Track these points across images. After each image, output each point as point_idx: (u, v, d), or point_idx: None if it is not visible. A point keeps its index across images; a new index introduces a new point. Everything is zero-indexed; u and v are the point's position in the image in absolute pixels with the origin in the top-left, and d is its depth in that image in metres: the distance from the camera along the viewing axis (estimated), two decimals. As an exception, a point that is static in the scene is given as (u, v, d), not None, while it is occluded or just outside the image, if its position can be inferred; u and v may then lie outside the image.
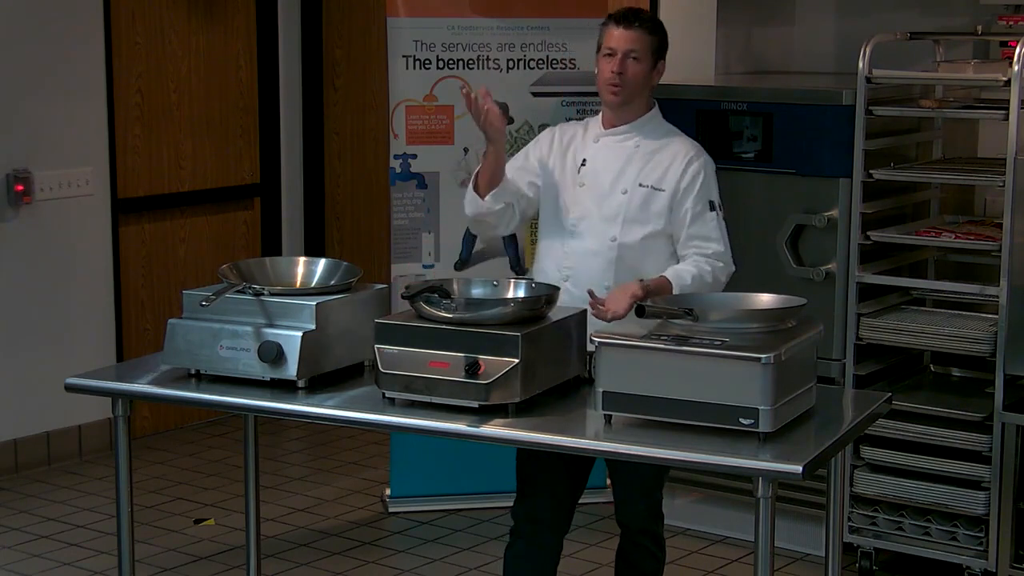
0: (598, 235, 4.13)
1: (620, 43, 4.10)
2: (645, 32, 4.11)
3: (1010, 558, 4.85)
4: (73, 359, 6.13)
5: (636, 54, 4.10)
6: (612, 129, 4.20)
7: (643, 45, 4.11)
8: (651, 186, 4.12)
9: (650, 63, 4.13)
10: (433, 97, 5.69)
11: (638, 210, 4.12)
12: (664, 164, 4.13)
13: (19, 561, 5.37)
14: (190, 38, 6.91)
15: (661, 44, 4.16)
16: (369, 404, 3.69)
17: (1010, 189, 4.70)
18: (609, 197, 4.14)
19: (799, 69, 5.94)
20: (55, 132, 6.33)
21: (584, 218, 4.15)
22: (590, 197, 4.16)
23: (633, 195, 4.12)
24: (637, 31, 4.10)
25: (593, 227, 4.14)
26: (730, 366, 3.36)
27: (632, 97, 4.14)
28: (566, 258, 4.16)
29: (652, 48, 4.13)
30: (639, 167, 4.14)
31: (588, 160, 4.19)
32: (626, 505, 4.19)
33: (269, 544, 5.42)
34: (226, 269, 3.98)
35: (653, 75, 4.17)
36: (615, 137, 4.18)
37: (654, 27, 4.16)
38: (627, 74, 4.10)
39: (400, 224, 5.74)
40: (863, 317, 5.05)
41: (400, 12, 5.66)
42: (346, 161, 7.52)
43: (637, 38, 4.10)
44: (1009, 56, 4.74)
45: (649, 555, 4.21)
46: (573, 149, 4.23)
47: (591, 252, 4.13)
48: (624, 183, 4.14)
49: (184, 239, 6.99)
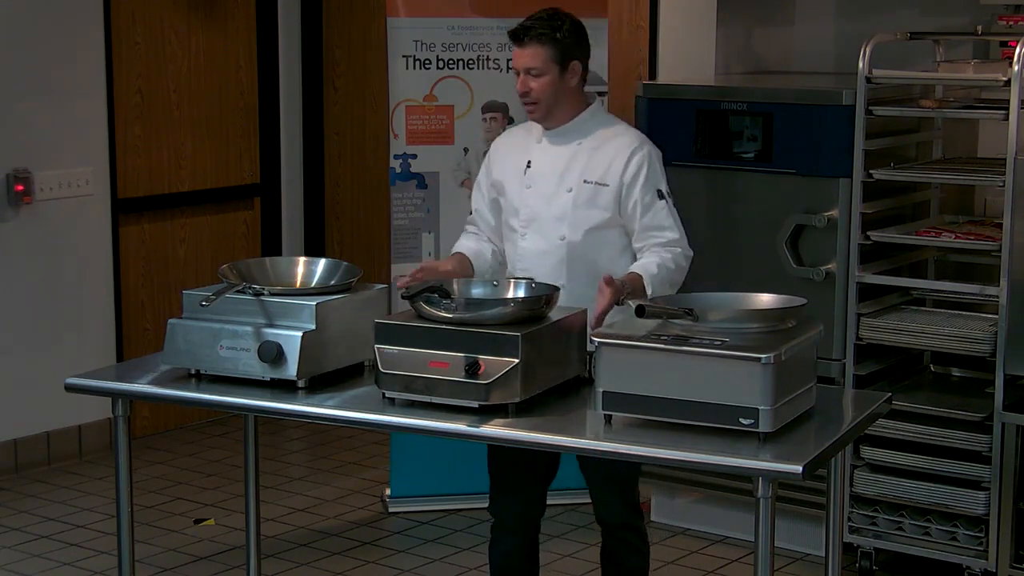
0: (547, 235, 4.14)
1: (517, 62, 4.09)
2: (538, 45, 4.04)
3: (1010, 558, 4.85)
4: (73, 359, 6.13)
5: (535, 70, 4.05)
6: (553, 130, 4.18)
7: (540, 58, 4.04)
8: (596, 182, 4.11)
9: (555, 72, 4.06)
10: (433, 97, 5.70)
11: (585, 207, 4.11)
12: (607, 159, 4.12)
13: (19, 561, 5.37)
14: (190, 38, 6.91)
15: (564, 48, 4.07)
16: (369, 404, 3.69)
17: (1010, 189, 4.70)
18: (555, 196, 4.14)
19: (799, 69, 5.94)
20: (55, 132, 6.33)
21: (533, 219, 4.16)
22: (537, 198, 4.16)
23: (579, 193, 4.12)
24: (529, 47, 4.05)
25: (542, 227, 4.14)
26: (730, 366, 3.36)
27: (551, 108, 4.12)
28: (520, 259, 4.17)
29: (552, 57, 4.05)
30: (583, 164, 4.13)
31: (533, 162, 4.19)
32: (604, 503, 4.19)
33: (269, 544, 5.42)
34: (226, 269, 3.98)
35: (567, 79, 4.09)
36: (556, 137, 4.17)
37: (548, 37, 4.05)
38: (532, 92, 4.07)
39: (400, 224, 5.74)
40: (863, 317, 5.05)
41: (400, 12, 5.66)
42: (346, 161, 7.52)
43: (531, 54, 4.05)
44: (1009, 56, 4.74)
45: (633, 550, 4.21)
46: (519, 152, 4.23)
47: (542, 252, 4.14)
48: (569, 181, 4.13)
49: (184, 239, 6.99)
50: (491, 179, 4.29)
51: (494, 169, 4.28)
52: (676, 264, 4.07)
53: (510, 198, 4.21)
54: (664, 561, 5.33)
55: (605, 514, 4.21)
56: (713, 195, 5.34)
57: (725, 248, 5.31)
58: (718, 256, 5.31)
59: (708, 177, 5.34)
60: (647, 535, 4.25)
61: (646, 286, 3.95)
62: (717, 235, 5.32)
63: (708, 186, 5.34)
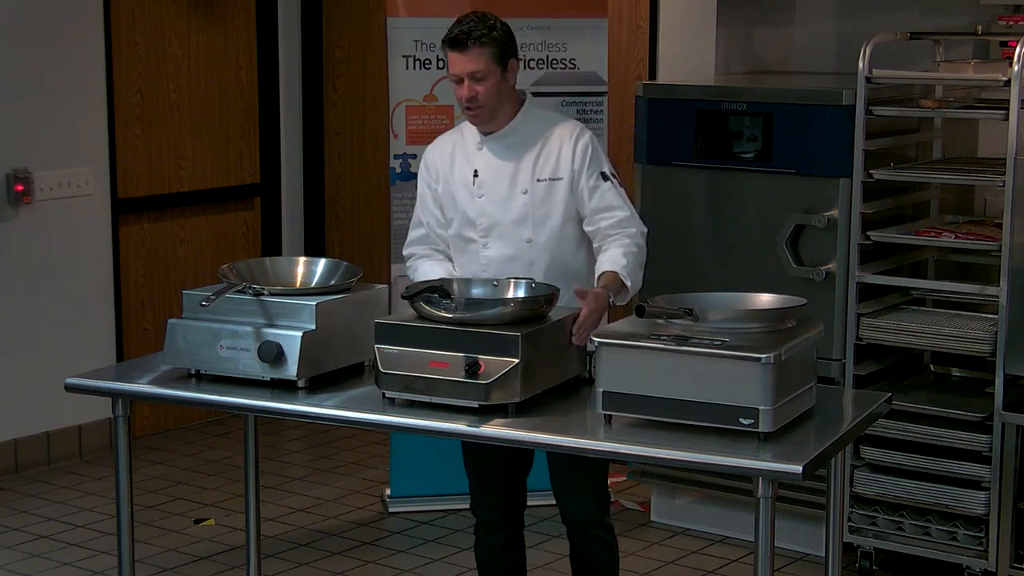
0: (512, 240, 4.12)
1: (460, 68, 4.03)
2: (480, 47, 4.02)
3: (1010, 558, 4.85)
4: (73, 359, 6.13)
5: (479, 74, 4.02)
6: (491, 134, 4.15)
7: (483, 62, 4.02)
8: (548, 178, 4.10)
9: (498, 73, 4.05)
10: (433, 97, 5.69)
11: (542, 205, 4.10)
12: (555, 152, 4.11)
13: (19, 561, 5.37)
14: (190, 38, 6.91)
15: (503, 48, 4.06)
16: (369, 404, 3.70)
17: (1010, 189, 4.70)
18: (511, 201, 4.12)
19: (799, 69, 5.94)
20: (55, 132, 6.33)
21: (493, 227, 4.13)
22: (492, 205, 4.13)
23: (534, 192, 4.10)
24: (471, 52, 4.01)
25: (505, 233, 4.12)
26: (730, 366, 3.36)
27: (495, 111, 4.10)
28: (484, 269, 4.13)
29: (494, 58, 4.04)
30: (531, 163, 4.11)
31: (479, 170, 4.15)
32: (575, 501, 4.17)
33: (269, 544, 5.42)
34: (226, 269, 3.98)
35: (508, 78, 4.09)
36: (497, 142, 4.14)
37: (487, 39, 4.03)
38: (479, 96, 4.04)
39: (400, 224, 5.74)
40: (863, 317, 5.05)
41: (400, 12, 5.66)
42: (346, 161, 7.52)
43: (474, 58, 4.02)
44: (1009, 56, 4.74)
45: (604, 546, 4.20)
46: (460, 162, 4.18)
47: (509, 258, 4.11)
48: (522, 183, 4.11)
49: (184, 239, 6.99)
50: (437, 191, 4.22)
51: (438, 182, 4.22)
52: (638, 247, 4.06)
53: (462, 209, 4.16)
54: (664, 561, 5.33)
55: (576, 512, 4.18)
56: (713, 195, 5.34)
57: (725, 248, 5.31)
58: (718, 256, 5.31)
59: (708, 177, 5.34)
60: (613, 529, 4.24)
61: (624, 280, 3.94)
62: (717, 235, 5.32)
63: (708, 186, 5.34)
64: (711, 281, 5.16)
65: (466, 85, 4.03)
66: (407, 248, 4.32)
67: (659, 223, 5.02)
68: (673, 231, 5.32)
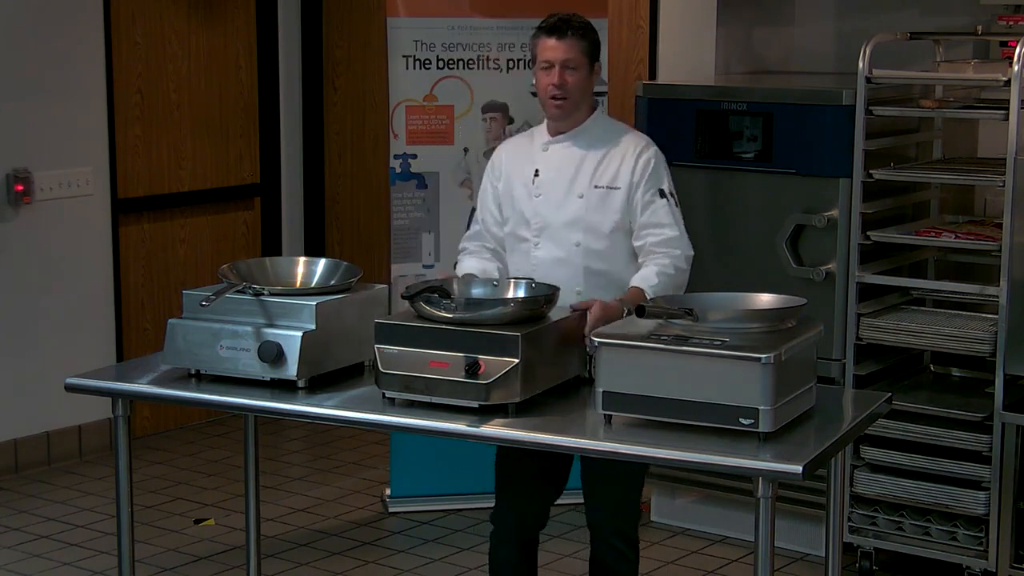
0: (562, 242, 4.12)
1: (555, 54, 4.06)
2: (577, 39, 4.06)
3: (1010, 558, 4.85)
4: (73, 359, 6.12)
5: (572, 63, 4.06)
6: (559, 136, 4.17)
7: (577, 53, 4.06)
8: (606, 186, 4.11)
9: (587, 68, 4.10)
10: (433, 97, 5.70)
11: (596, 212, 4.10)
12: (616, 162, 4.12)
13: (19, 561, 5.37)
14: (190, 38, 6.91)
15: (594, 47, 4.12)
16: (369, 404, 3.70)
17: (1010, 189, 4.70)
18: (566, 203, 4.12)
19: (799, 69, 5.94)
20: (55, 132, 6.33)
21: (546, 227, 4.14)
22: (547, 206, 4.14)
23: (590, 198, 4.11)
24: (570, 40, 4.06)
25: (555, 235, 4.13)
26: (730, 366, 3.36)
27: (576, 106, 4.12)
28: (534, 269, 4.14)
29: (587, 53, 4.09)
30: (592, 169, 4.12)
31: (540, 170, 4.17)
32: (598, 507, 4.15)
33: (269, 544, 5.42)
34: (226, 269, 3.98)
35: (592, 79, 4.14)
36: (563, 144, 4.16)
37: (585, 32, 4.10)
38: (568, 85, 4.07)
39: (400, 224, 5.74)
40: (863, 317, 5.05)
41: (400, 12, 5.66)
42: (346, 161, 7.52)
43: (571, 47, 4.06)
44: (1009, 56, 4.74)
45: (621, 556, 4.16)
46: (524, 161, 4.21)
47: (558, 260, 4.12)
48: (579, 188, 4.12)
49: (184, 239, 6.99)
50: (498, 189, 4.25)
51: (500, 179, 4.25)
52: (676, 268, 4.05)
53: (519, 208, 4.19)
54: (664, 561, 5.33)
55: (597, 518, 4.16)
56: (713, 195, 5.34)
57: (725, 248, 5.31)
58: (718, 256, 5.31)
59: (708, 177, 5.34)
60: (638, 543, 4.22)
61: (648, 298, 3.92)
62: (717, 235, 5.32)
63: (708, 186, 5.34)
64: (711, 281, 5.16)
65: (557, 72, 4.06)
66: (462, 242, 4.36)
67: (659, 223, 5.02)
68: (673, 231, 5.31)
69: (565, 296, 3.90)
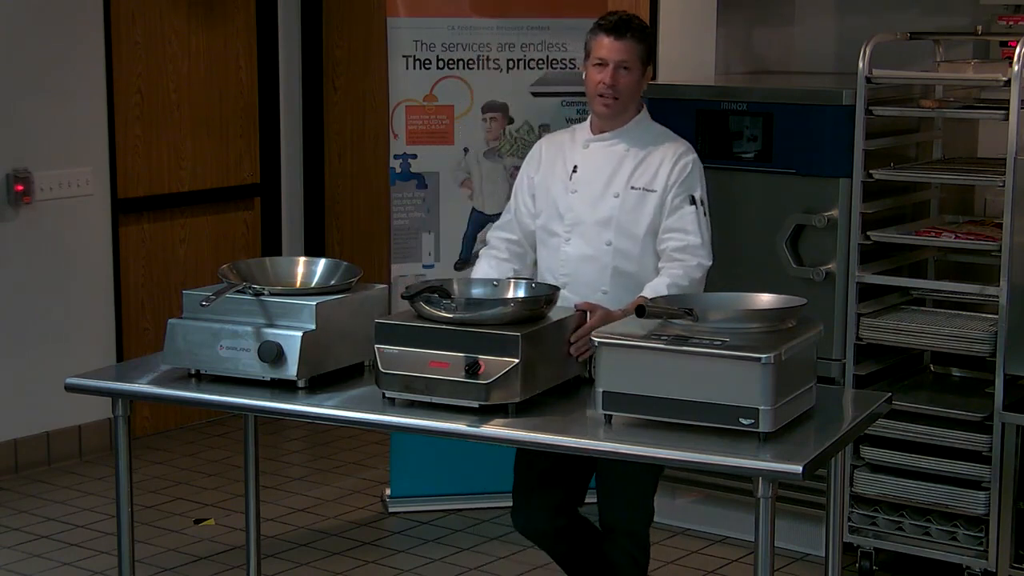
0: (592, 240, 4.12)
1: (611, 54, 4.06)
2: (635, 41, 4.07)
3: (1010, 558, 4.85)
4: (73, 359, 6.13)
5: (627, 64, 4.07)
6: (601, 135, 4.18)
7: (633, 55, 4.07)
8: (643, 188, 4.11)
9: (640, 71, 4.11)
10: (433, 97, 5.69)
11: (631, 213, 4.11)
12: (655, 165, 4.12)
13: (19, 561, 5.37)
14: (190, 38, 6.91)
15: (650, 50, 4.14)
16: (369, 404, 3.69)
17: (1010, 189, 4.70)
18: (601, 201, 4.13)
19: (799, 69, 5.94)
20: (55, 132, 6.33)
21: (578, 224, 4.14)
22: (582, 203, 4.14)
23: (625, 198, 4.11)
24: (628, 41, 4.06)
25: (587, 232, 4.13)
26: (730, 366, 3.36)
27: (624, 108, 4.13)
28: (562, 265, 4.15)
29: (642, 56, 4.10)
30: (630, 170, 4.13)
31: (579, 167, 4.17)
32: (611, 508, 4.15)
33: (269, 544, 5.42)
34: (226, 269, 3.98)
35: (643, 82, 4.15)
36: (605, 143, 4.17)
37: (643, 35, 4.11)
38: (619, 85, 4.07)
39: (400, 224, 5.74)
40: (863, 317, 5.05)
41: (400, 12, 5.66)
42: (346, 161, 7.52)
43: (628, 48, 4.06)
44: (1009, 56, 4.74)
45: (631, 560, 4.17)
46: (563, 157, 4.21)
47: (587, 257, 4.12)
48: (616, 187, 4.12)
49: (184, 239, 6.99)
50: (534, 180, 4.24)
51: (538, 171, 4.24)
52: (690, 279, 4.03)
53: (554, 202, 4.18)
54: (664, 561, 5.33)
55: (610, 519, 4.17)
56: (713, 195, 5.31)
57: (725, 248, 5.29)
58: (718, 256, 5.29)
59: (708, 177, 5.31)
60: (649, 546, 4.23)
61: None
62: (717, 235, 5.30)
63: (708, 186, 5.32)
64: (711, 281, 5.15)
65: (610, 71, 4.05)
66: (491, 232, 4.35)
67: (659, 223, 5.02)
68: (673, 231, 5.31)
69: (591, 296, 3.92)
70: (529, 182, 4.26)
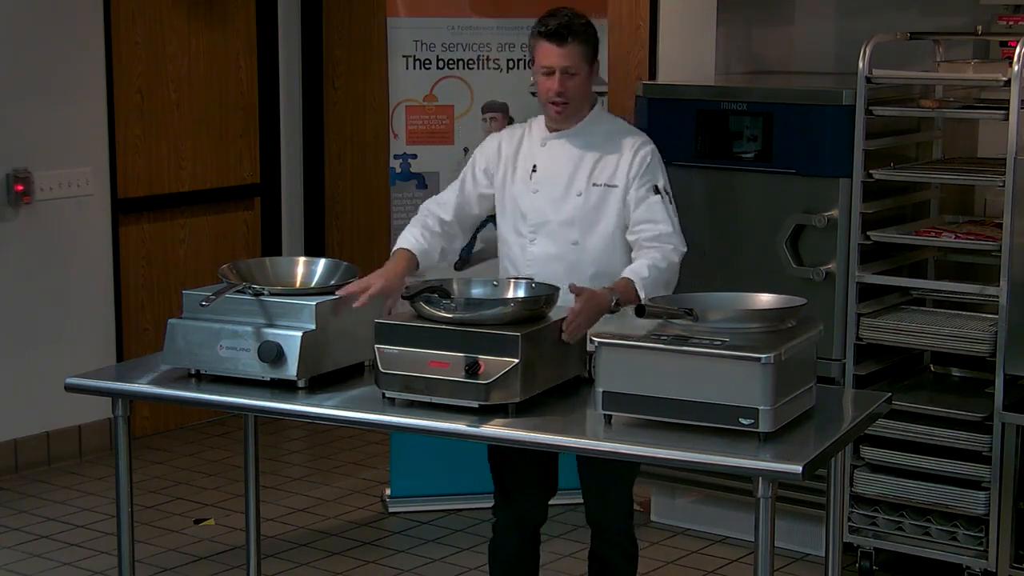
0: (558, 239, 4.11)
1: (557, 61, 4.02)
2: (578, 44, 4.02)
3: (1010, 558, 4.85)
4: (73, 359, 6.13)
5: (574, 68, 4.03)
6: (557, 132, 4.15)
7: (578, 59, 4.03)
8: (604, 184, 4.09)
9: (587, 71, 4.07)
10: (433, 97, 5.70)
11: (594, 210, 4.09)
12: (614, 160, 4.10)
13: (19, 561, 5.37)
14: (190, 38, 6.91)
15: (594, 49, 4.09)
16: (369, 404, 3.69)
17: (1010, 189, 4.70)
18: (564, 201, 4.11)
19: (799, 69, 5.94)
20: (55, 132, 6.33)
21: (543, 224, 4.13)
22: (545, 202, 4.13)
23: (588, 196, 4.10)
24: (571, 46, 4.01)
25: (552, 232, 4.12)
26: (730, 366, 3.36)
27: (577, 109, 4.11)
28: (528, 265, 4.14)
29: (587, 57, 4.06)
30: (590, 167, 4.11)
31: (538, 166, 4.15)
32: (599, 505, 4.17)
33: (269, 544, 5.42)
34: (226, 269, 3.98)
35: (592, 79, 4.11)
36: (561, 140, 4.15)
37: (586, 36, 4.05)
38: (568, 92, 4.04)
39: (400, 224, 5.72)
40: (863, 317, 5.05)
41: (400, 12, 5.66)
42: (346, 161, 7.52)
43: (572, 53, 4.02)
44: (1009, 56, 4.74)
45: (623, 554, 4.19)
46: (523, 154, 4.19)
47: (553, 257, 4.10)
48: (578, 186, 4.10)
49: (184, 239, 6.99)
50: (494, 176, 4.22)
51: (498, 168, 4.22)
52: (668, 263, 4.02)
53: (515, 201, 4.18)
54: (664, 561, 5.33)
55: (600, 517, 4.19)
56: (713, 195, 5.34)
57: (725, 248, 5.31)
58: (718, 256, 5.31)
59: (708, 177, 5.34)
60: (636, 540, 4.24)
61: (638, 290, 3.90)
62: (717, 235, 5.32)
63: (708, 186, 5.34)
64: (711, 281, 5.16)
65: (557, 78, 4.03)
66: (428, 203, 4.30)
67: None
68: (673, 231, 5.31)
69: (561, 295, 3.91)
70: (487, 164, 4.23)
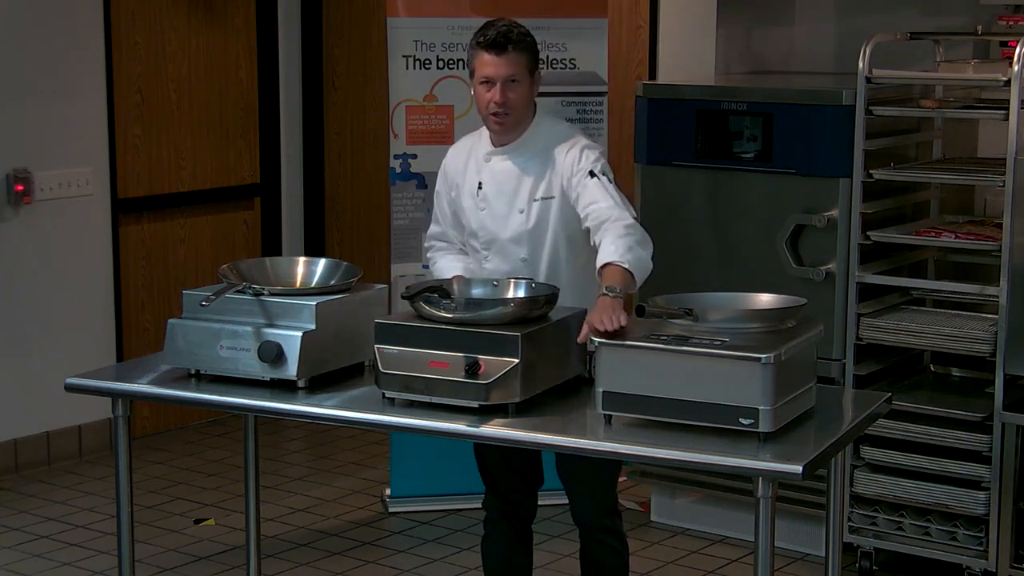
0: (508, 256, 4.10)
1: (497, 71, 3.96)
2: (519, 53, 3.97)
3: (1010, 558, 4.85)
4: (73, 359, 6.13)
5: (515, 77, 3.98)
6: (500, 148, 4.11)
7: (519, 67, 3.98)
8: (542, 197, 4.05)
9: (529, 81, 4.02)
10: (433, 97, 5.70)
11: (537, 226, 4.06)
12: (551, 172, 4.05)
13: (19, 561, 5.37)
14: (190, 38, 6.91)
15: (535, 57, 4.04)
16: (369, 404, 3.70)
17: (1010, 189, 4.70)
18: (508, 219, 4.09)
19: (799, 69, 5.94)
20: (55, 132, 6.33)
21: (492, 241, 4.12)
22: (491, 220, 4.11)
23: (530, 213, 4.07)
24: (511, 55, 3.96)
25: (502, 249, 4.11)
26: (730, 366, 3.36)
27: (519, 120, 4.06)
28: None
29: (528, 65, 4.01)
30: (531, 183, 4.07)
31: (483, 183, 4.12)
32: (581, 504, 4.17)
33: (269, 544, 5.42)
34: (226, 269, 3.98)
35: (534, 89, 4.06)
36: (502, 156, 4.10)
37: (525, 44, 4.00)
38: (509, 102, 3.99)
39: (400, 224, 5.74)
40: (863, 317, 5.05)
41: (400, 12, 5.66)
42: (346, 161, 7.52)
43: (512, 62, 3.97)
44: (1009, 56, 4.74)
45: (612, 551, 4.19)
46: (470, 169, 4.16)
47: (506, 274, 4.07)
48: (520, 203, 4.08)
49: (184, 239, 6.99)
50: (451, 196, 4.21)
51: (452, 188, 4.20)
52: (627, 229, 3.86)
53: (468, 219, 4.16)
54: (664, 561, 5.33)
55: (583, 515, 4.19)
56: (713, 195, 5.34)
57: (725, 248, 5.31)
58: (718, 256, 5.31)
59: (708, 177, 5.34)
60: (624, 535, 4.24)
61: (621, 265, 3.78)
62: (717, 235, 5.32)
63: (708, 186, 5.34)
64: (711, 281, 5.16)
65: (499, 89, 3.98)
66: (428, 240, 4.33)
67: (659, 223, 5.02)
68: (673, 231, 5.32)
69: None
70: (448, 197, 4.21)
